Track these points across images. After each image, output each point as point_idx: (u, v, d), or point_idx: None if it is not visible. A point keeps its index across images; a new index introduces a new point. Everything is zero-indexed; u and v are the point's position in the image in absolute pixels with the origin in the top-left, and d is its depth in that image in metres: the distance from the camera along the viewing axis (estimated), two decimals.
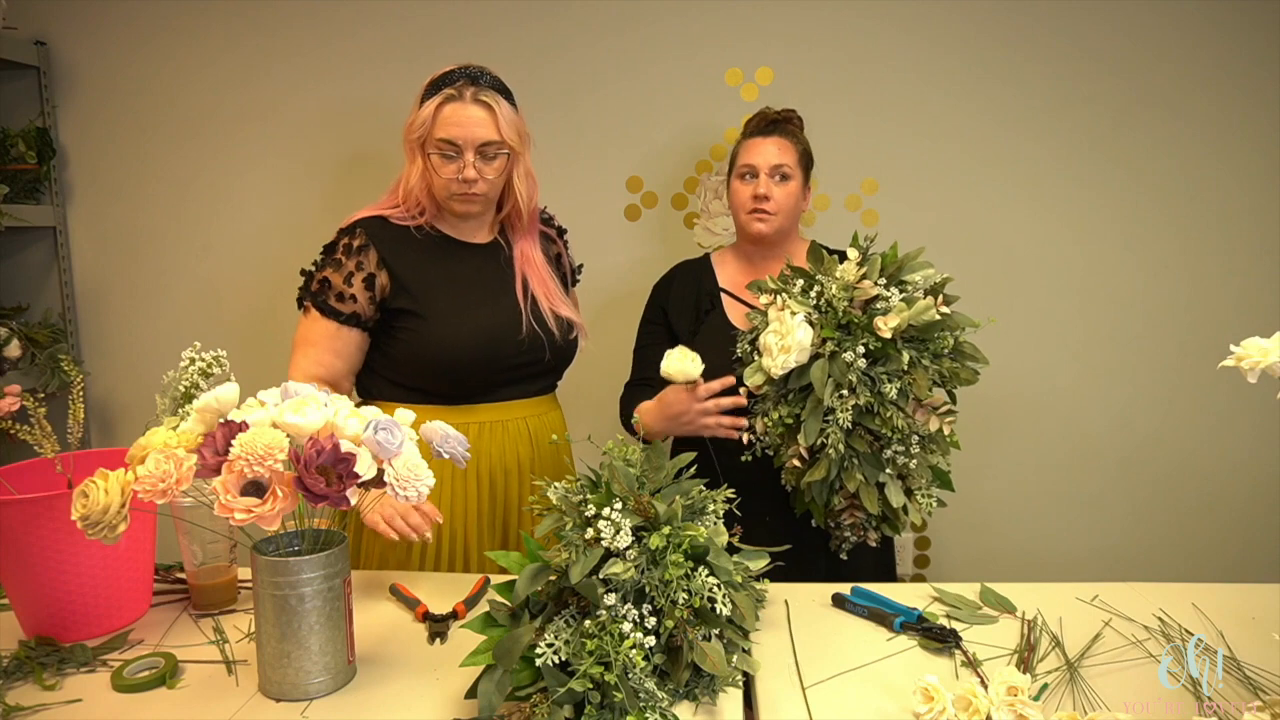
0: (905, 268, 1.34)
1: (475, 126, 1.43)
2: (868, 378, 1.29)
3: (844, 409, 1.27)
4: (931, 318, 1.29)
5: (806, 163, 1.65)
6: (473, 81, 1.45)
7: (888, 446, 1.31)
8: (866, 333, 1.29)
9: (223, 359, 1.33)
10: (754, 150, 1.62)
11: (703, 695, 0.98)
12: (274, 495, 0.90)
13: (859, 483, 1.31)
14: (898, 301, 1.30)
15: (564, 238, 1.68)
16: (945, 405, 1.33)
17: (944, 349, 1.31)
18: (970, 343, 1.34)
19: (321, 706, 1.00)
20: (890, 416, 1.27)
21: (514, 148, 1.47)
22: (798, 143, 1.64)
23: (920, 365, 1.29)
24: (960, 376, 1.33)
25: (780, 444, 1.38)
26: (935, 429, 1.32)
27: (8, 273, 2.30)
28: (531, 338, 1.50)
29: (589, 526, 0.97)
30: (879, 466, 1.32)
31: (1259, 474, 2.14)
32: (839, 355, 1.29)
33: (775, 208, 1.59)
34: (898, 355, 1.28)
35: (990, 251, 2.10)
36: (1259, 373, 0.95)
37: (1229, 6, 2.02)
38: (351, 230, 1.48)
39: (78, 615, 1.16)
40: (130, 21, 2.18)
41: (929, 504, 1.34)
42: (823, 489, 1.34)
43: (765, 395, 1.38)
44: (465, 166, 1.43)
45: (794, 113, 1.68)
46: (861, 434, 1.30)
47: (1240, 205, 2.09)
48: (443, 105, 1.43)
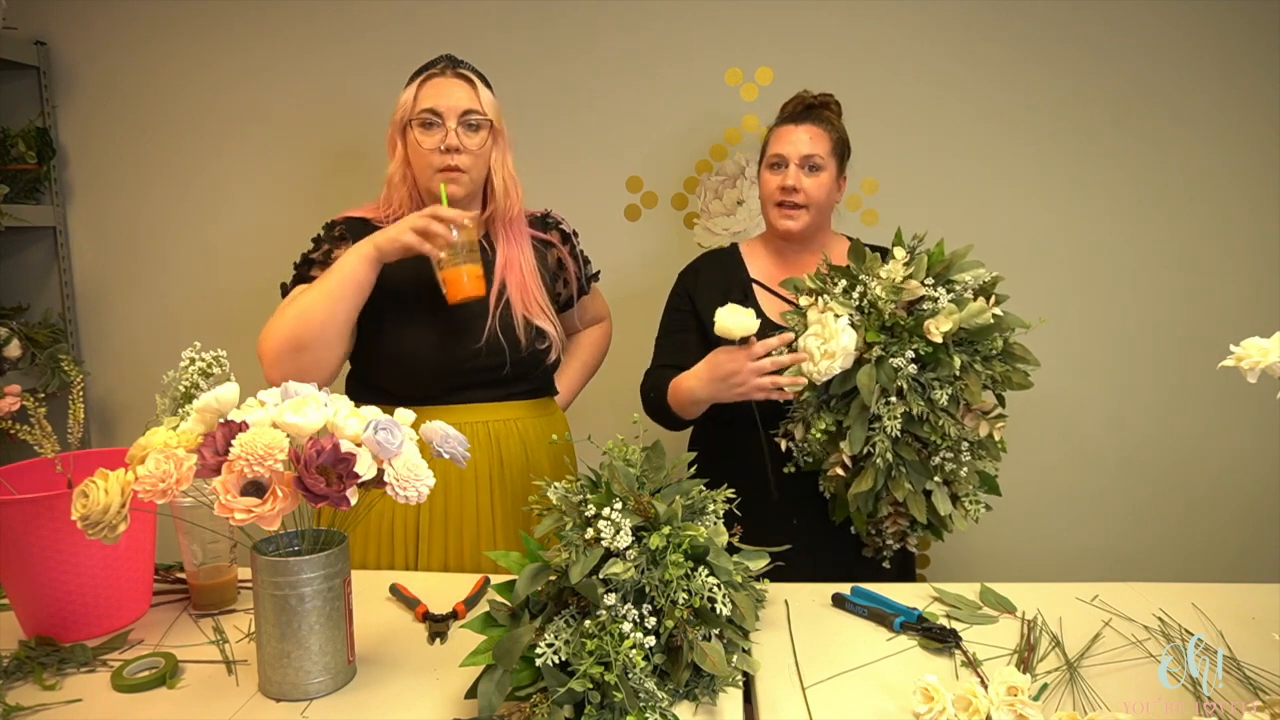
0: (954, 267, 1.28)
1: (457, 96, 1.45)
2: (918, 384, 1.23)
3: (892, 416, 1.22)
4: (985, 320, 1.23)
5: (841, 151, 1.57)
6: (454, 64, 1.49)
7: (936, 453, 1.26)
8: (916, 337, 1.23)
9: (223, 359, 1.34)
10: (784, 139, 1.54)
11: (703, 695, 0.98)
12: (274, 495, 0.90)
13: (907, 491, 1.26)
14: (946, 303, 1.24)
15: (575, 239, 1.65)
16: (995, 410, 1.29)
17: (993, 351, 1.26)
18: (1021, 344, 1.28)
19: (321, 706, 1.00)
20: (942, 424, 1.22)
21: (495, 123, 1.48)
22: (832, 130, 1.55)
23: (973, 370, 1.24)
24: (1012, 380, 1.27)
25: (821, 452, 1.33)
26: (985, 434, 1.27)
27: (8, 273, 2.30)
28: (491, 345, 1.47)
29: (589, 526, 0.97)
30: (926, 474, 1.27)
31: (1258, 474, 2.14)
32: (886, 360, 1.23)
33: (805, 200, 1.51)
34: (949, 360, 1.22)
35: (990, 251, 2.07)
36: (1259, 373, 0.95)
37: (1229, 6, 2.02)
38: (332, 225, 1.51)
39: (78, 615, 1.16)
40: (130, 21, 2.18)
41: (976, 510, 1.30)
42: (869, 498, 1.29)
43: (805, 401, 1.32)
44: (448, 134, 1.43)
45: (831, 97, 1.61)
46: (909, 441, 1.26)
47: (1240, 205, 2.09)
48: (424, 83, 1.47)
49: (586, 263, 1.69)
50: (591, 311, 1.76)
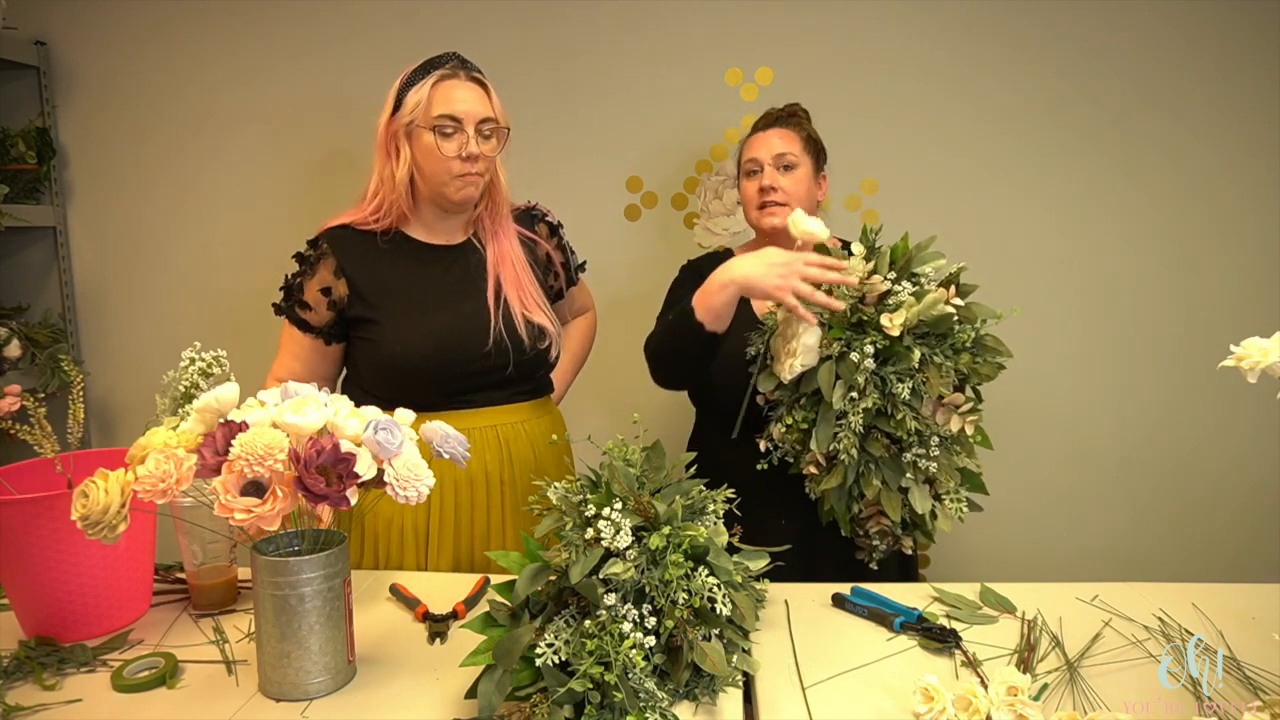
0: (916, 259, 1.27)
1: (474, 102, 1.43)
2: (877, 378, 1.23)
3: (855, 412, 1.22)
4: (942, 311, 1.22)
5: (814, 150, 1.59)
6: (463, 64, 1.46)
7: (907, 450, 1.26)
8: (875, 331, 1.23)
9: (223, 359, 1.34)
10: (756, 144, 1.59)
11: (703, 695, 0.98)
12: (274, 495, 0.90)
13: (877, 489, 1.26)
14: (909, 296, 1.24)
15: (560, 232, 1.65)
16: (968, 404, 1.27)
17: (964, 343, 1.25)
18: (993, 335, 1.27)
19: (321, 706, 1.00)
20: (903, 418, 1.21)
21: (508, 127, 1.47)
22: (801, 131, 1.59)
23: (933, 363, 1.23)
24: (980, 372, 1.25)
25: (798, 451, 1.33)
26: (958, 429, 1.26)
27: (8, 273, 2.30)
28: (497, 345, 1.46)
29: (589, 526, 0.97)
30: (899, 471, 1.26)
31: (1259, 474, 2.14)
32: (847, 356, 1.23)
33: (784, 197, 1.54)
34: (907, 353, 1.22)
35: (990, 251, 2.10)
36: (1259, 373, 0.95)
37: (1229, 6, 2.02)
38: (315, 242, 1.49)
39: (78, 615, 1.16)
40: (130, 21, 2.18)
41: (959, 508, 1.29)
42: (841, 496, 1.29)
43: (779, 401, 1.33)
44: (469, 141, 1.41)
45: (797, 105, 1.64)
46: (878, 437, 1.25)
47: (1240, 205, 2.09)
48: (438, 83, 1.42)
49: (572, 253, 1.68)
50: (579, 302, 1.76)
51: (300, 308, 1.47)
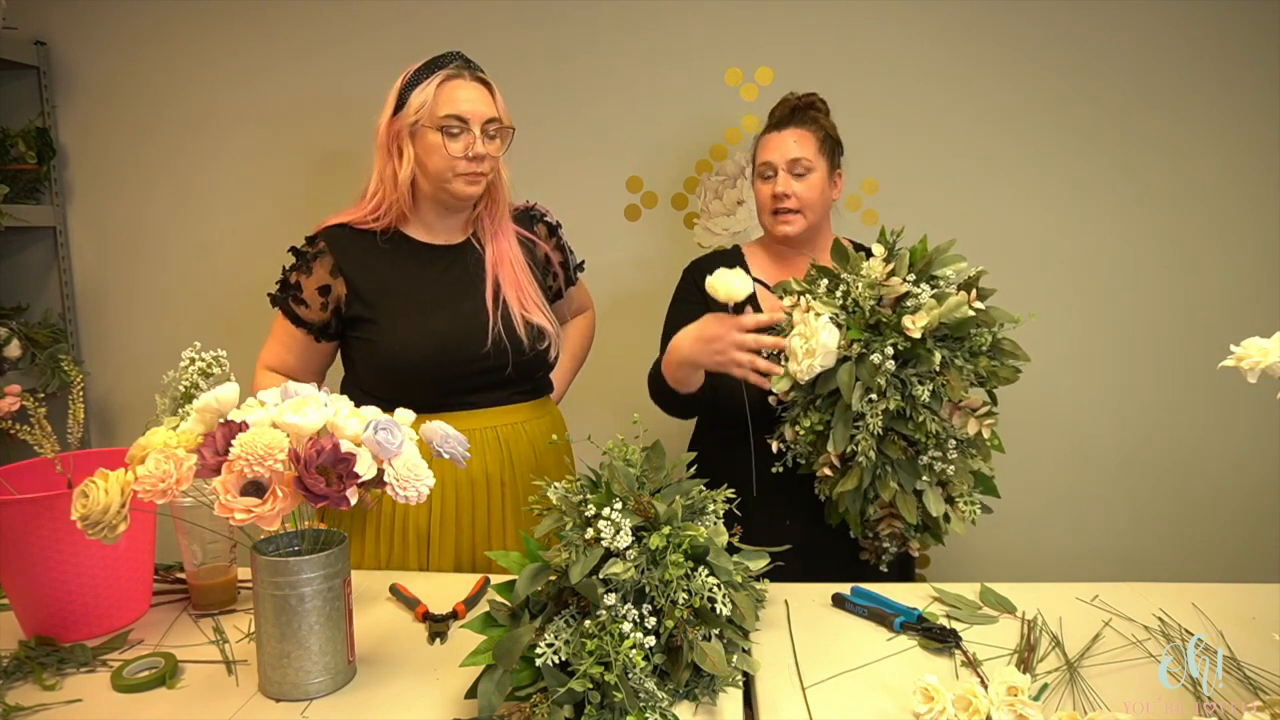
0: (936, 262, 1.27)
1: (480, 103, 1.43)
2: (898, 380, 1.22)
3: (874, 414, 1.21)
4: (964, 314, 1.22)
5: (830, 149, 1.56)
6: (468, 64, 1.46)
7: (924, 452, 1.25)
8: (896, 333, 1.22)
9: (223, 359, 1.34)
10: (770, 147, 1.55)
11: (703, 695, 0.98)
12: (274, 495, 0.90)
13: (894, 491, 1.25)
14: (928, 298, 1.23)
15: (559, 231, 1.64)
16: (985, 407, 1.27)
17: (981, 346, 1.25)
18: (1010, 339, 1.27)
19: (321, 706, 1.00)
20: (923, 421, 1.21)
21: (512, 127, 1.47)
22: (818, 129, 1.55)
23: (954, 365, 1.23)
24: (999, 375, 1.25)
25: (811, 453, 1.32)
26: (974, 432, 1.26)
27: (8, 273, 2.30)
28: (496, 345, 1.46)
29: (589, 526, 0.97)
30: (915, 474, 1.26)
31: (1259, 474, 2.14)
32: (867, 357, 1.22)
33: (797, 204, 1.52)
34: (928, 355, 1.21)
35: (990, 251, 2.07)
36: (1259, 373, 0.95)
37: (1229, 6, 2.02)
38: (314, 239, 1.48)
39: (78, 615, 1.16)
40: (130, 21, 2.18)
41: (972, 511, 1.28)
42: (856, 499, 1.28)
43: (794, 402, 1.32)
44: (475, 141, 1.41)
45: (815, 96, 1.61)
46: (895, 439, 1.25)
47: (1240, 205, 2.09)
48: (444, 83, 1.42)
49: (571, 253, 1.68)
50: (577, 302, 1.76)
51: (296, 302, 1.47)
